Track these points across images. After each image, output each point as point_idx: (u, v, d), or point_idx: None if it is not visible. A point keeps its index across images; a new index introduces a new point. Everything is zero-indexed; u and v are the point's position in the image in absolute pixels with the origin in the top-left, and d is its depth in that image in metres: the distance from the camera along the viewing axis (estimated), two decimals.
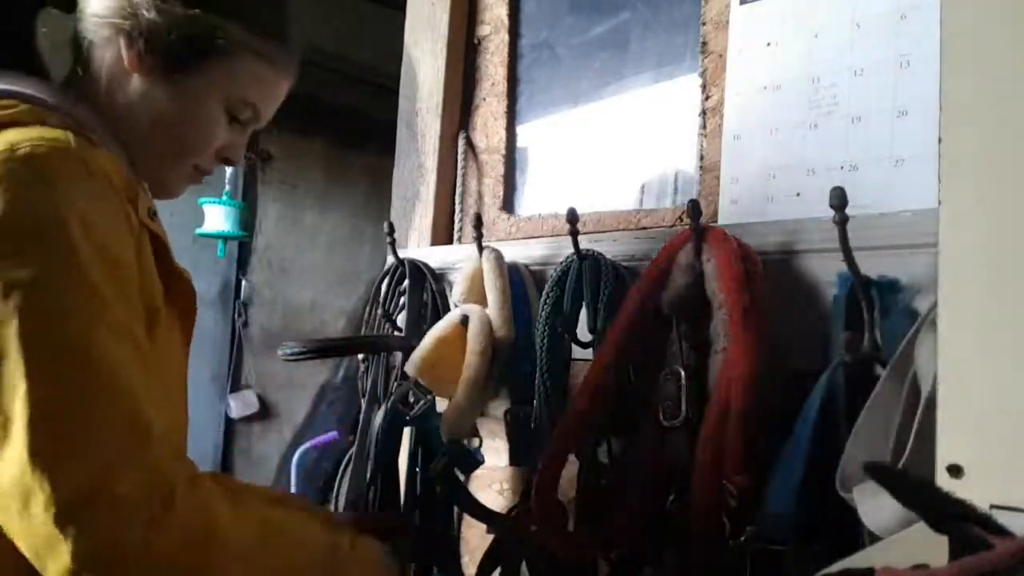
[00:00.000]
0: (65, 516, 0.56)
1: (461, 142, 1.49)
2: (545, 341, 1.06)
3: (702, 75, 1.09)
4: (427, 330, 1.23)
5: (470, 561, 1.17)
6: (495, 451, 1.18)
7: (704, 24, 1.09)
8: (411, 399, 1.20)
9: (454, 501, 1.11)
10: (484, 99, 1.48)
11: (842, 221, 0.75)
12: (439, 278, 1.33)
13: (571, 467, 0.97)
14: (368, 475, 1.14)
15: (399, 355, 1.29)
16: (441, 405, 1.17)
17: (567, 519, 0.99)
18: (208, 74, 0.80)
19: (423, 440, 1.18)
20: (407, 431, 1.21)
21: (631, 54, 1.25)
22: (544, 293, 1.07)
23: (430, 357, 1.13)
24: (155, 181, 0.86)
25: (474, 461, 1.10)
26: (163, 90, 0.80)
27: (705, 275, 0.86)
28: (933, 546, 0.37)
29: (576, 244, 1.07)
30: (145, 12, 0.77)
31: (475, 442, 1.19)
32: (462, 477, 1.14)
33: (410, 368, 1.14)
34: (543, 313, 1.06)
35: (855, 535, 0.69)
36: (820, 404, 0.74)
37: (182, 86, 0.80)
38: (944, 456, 0.45)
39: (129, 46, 0.78)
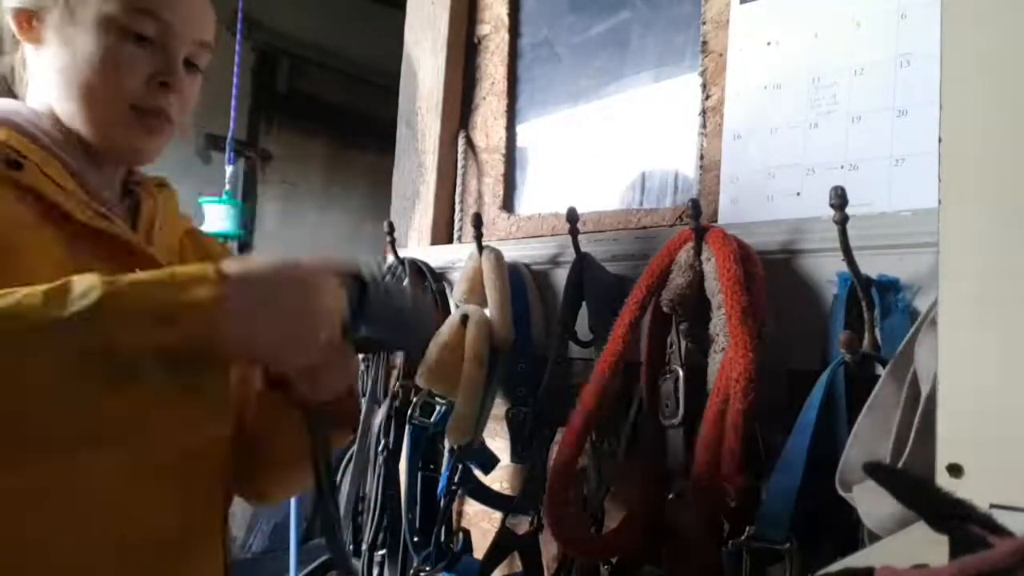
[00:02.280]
0: None
1: (461, 141, 1.49)
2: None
3: (702, 74, 1.09)
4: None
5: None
6: (495, 450, 1.18)
7: (704, 23, 1.09)
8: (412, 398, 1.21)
9: (476, 497, 1.17)
10: (484, 98, 1.48)
11: (842, 220, 0.75)
12: (439, 277, 1.33)
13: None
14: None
15: (399, 355, 1.29)
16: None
17: (578, 520, 1.00)
18: (80, 1, 0.75)
19: (432, 444, 1.21)
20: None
21: (631, 53, 1.25)
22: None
23: (437, 366, 1.13)
24: (112, 145, 0.79)
25: (494, 463, 1.14)
26: (53, 44, 0.76)
27: (705, 275, 0.86)
28: (933, 546, 0.37)
29: (576, 243, 1.07)
30: None
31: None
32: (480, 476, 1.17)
33: (420, 380, 1.14)
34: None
35: (855, 535, 0.69)
36: (820, 404, 0.74)
37: (66, 30, 0.75)
38: (944, 456, 0.45)
39: (15, 17, 0.77)
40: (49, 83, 0.78)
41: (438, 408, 1.15)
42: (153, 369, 0.54)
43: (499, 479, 1.24)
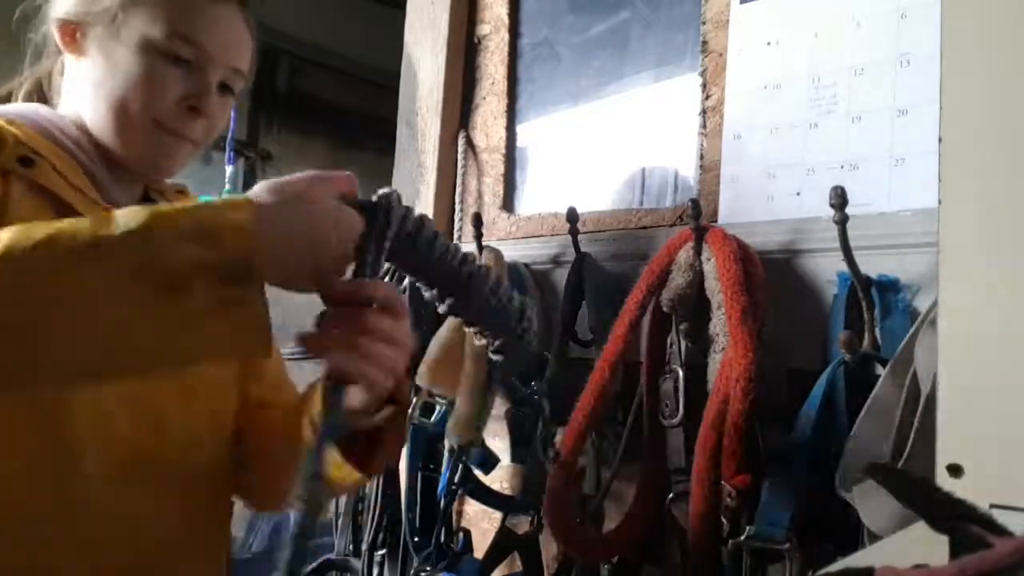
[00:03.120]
0: None
1: (461, 141, 1.49)
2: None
3: (702, 74, 1.09)
4: (427, 330, 1.23)
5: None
6: (495, 450, 1.18)
7: (704, 23, 1.09)
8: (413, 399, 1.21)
9: (476, 497, 1.16)
10: (484, 98, 1.48)
11: (842, 220, 0.75)
12: None
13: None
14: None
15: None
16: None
17: (578, 520, 1.00)
18: (125, 20, 0.77)
19: (432, 444, 1.21)
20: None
21: (631, 53, 1.25)
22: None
23: (436, 366, 1.13)
24: (131, 157, 0.81)
25: (495, 463, 1.14)
26: (94, 57, 0.79)
27: (705, 275, 0.86)
28: (933, 546, 0.37)
29: (576, 243, 1.07)
30: None
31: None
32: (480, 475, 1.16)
33: (420, 380, 1.14)
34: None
35: (855, 535, 0.69)
36: (820, 403, 0.74)
37: (108, 45, 0.78)
38: (944, 456, 0.45)
39: (60, 28, 0.79)
40: (83, 93, 0.80)
41: (438, 408, 1.15)
42: (200, 284, 0.55)
43: (499, 479, 1.24)
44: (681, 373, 0.89)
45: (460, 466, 1.14)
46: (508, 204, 1.43)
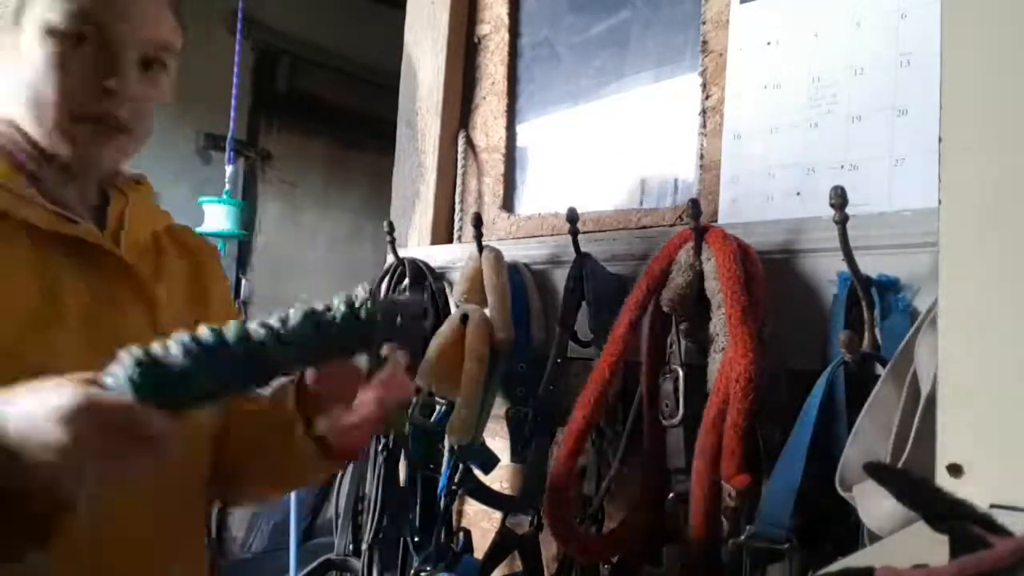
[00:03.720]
0: None
1: (461, 141, 1.49)
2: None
3: (702, 74, 1.09)
4: (427, 330, 1.23)
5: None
6: (495, 450, 1.18)
7: (704, 23, 1.09)
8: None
9: (476, 497, 1.16)
10: (484, 98, 1.48)
11: (842, 220, 0.75)
12: (439, 277, 1.33)
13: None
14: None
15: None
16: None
17: (578, 520, 1.00)
18: (26, 11, 0.73)
19: (432, 444, 1.21)
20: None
21: (631, 53, 1.25)
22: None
23: (437, 366, 1.13)
24: (64, 153, 0.76)
25: (494, 463, 1.14)
26: (7, 52, 0.75)
27: (705, 275, 0.86)
28: (933, 546, 0.37)
29: (576, 243, 1.07)
30: None
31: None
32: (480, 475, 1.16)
33: (420, 380, 1.14)
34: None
35: (855, 535, 0.69)
36: (820, 403, 0.74)
37: (17, 40, 0.74)
38: (944, 456, 0.45)
39: None
40: (7, 93, 0.76)
41: (438, 408, 1.15)
42: None
43: (499, 479, 1.24)
44: (681, 373, 0.89)
45: (460, 466, 1.14)
46: (508, 204, 1.43)
